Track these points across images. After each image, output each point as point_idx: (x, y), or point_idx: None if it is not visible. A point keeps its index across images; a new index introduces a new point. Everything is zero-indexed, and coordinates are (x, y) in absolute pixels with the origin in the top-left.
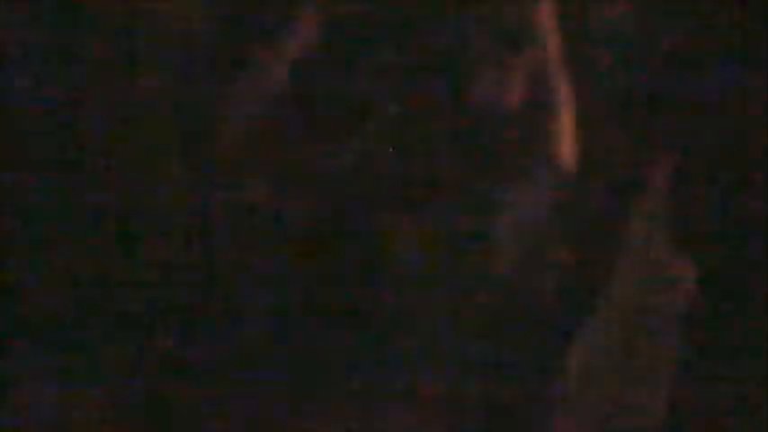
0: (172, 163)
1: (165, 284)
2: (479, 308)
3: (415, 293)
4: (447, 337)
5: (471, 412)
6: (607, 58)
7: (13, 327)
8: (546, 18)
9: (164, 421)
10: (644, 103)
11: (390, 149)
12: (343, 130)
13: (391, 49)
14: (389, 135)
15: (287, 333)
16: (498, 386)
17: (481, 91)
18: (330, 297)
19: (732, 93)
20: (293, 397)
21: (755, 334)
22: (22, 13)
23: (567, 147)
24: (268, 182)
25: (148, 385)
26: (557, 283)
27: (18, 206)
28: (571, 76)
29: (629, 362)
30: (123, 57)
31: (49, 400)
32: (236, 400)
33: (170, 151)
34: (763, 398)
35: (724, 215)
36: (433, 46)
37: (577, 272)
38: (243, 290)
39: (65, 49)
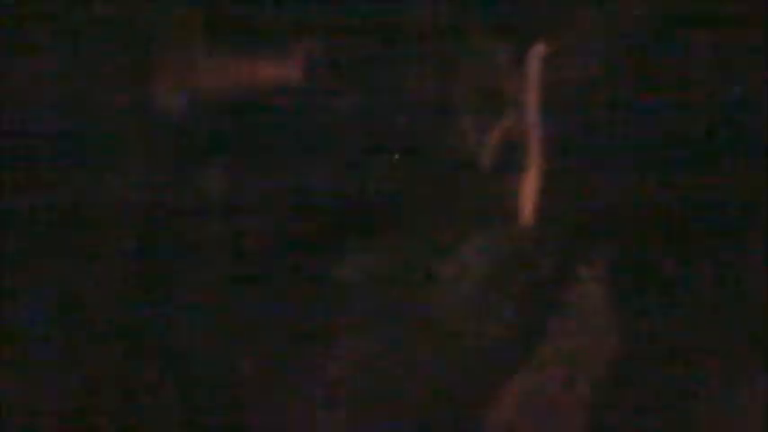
0: (129, 155)
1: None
2: (417, 344)
3: (356, 318)
4: (382, 367)
5: None
6: (576, 121)
7: None
8: (527, 81)
9: None
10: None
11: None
12: (315, 153)
13: (371, 91)
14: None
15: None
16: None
17: (457, 145)
18: (272, 309)
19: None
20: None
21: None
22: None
23: (527, 204)
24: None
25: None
26: (495, 333)
27: None
28: (542, 138)
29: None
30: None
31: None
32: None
33: (128, 143)
34: None
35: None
36: (414, 94)
37: (516, 326)
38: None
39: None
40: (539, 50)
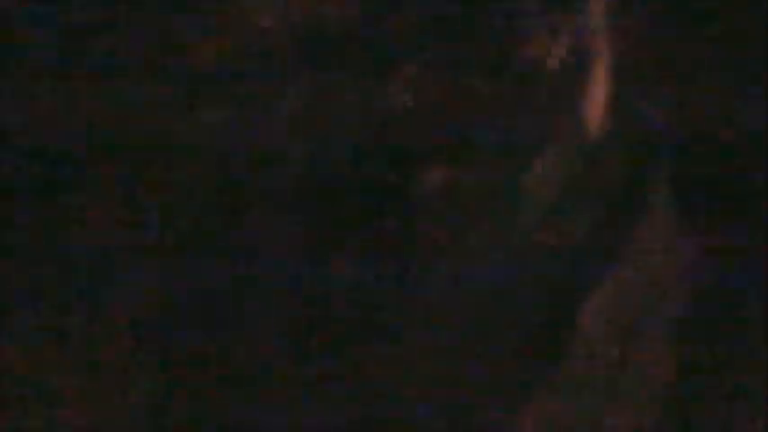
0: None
1: None
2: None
3: (443, 235)
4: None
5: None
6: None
7: None
8: None
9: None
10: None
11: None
12: (376, 77)
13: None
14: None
15: None
16: None
17: (528, 51)
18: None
19: None
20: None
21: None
22: None
23: (597, 107)
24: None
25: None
26: (573, 244)
27: None
28: (609, 40)
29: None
30: None
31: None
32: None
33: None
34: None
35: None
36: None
37: (592, 235)
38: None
39: None
40: None
